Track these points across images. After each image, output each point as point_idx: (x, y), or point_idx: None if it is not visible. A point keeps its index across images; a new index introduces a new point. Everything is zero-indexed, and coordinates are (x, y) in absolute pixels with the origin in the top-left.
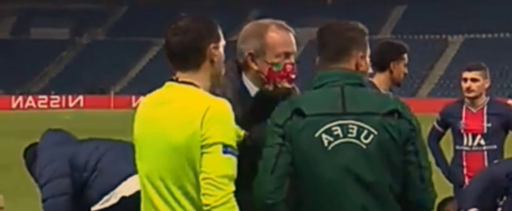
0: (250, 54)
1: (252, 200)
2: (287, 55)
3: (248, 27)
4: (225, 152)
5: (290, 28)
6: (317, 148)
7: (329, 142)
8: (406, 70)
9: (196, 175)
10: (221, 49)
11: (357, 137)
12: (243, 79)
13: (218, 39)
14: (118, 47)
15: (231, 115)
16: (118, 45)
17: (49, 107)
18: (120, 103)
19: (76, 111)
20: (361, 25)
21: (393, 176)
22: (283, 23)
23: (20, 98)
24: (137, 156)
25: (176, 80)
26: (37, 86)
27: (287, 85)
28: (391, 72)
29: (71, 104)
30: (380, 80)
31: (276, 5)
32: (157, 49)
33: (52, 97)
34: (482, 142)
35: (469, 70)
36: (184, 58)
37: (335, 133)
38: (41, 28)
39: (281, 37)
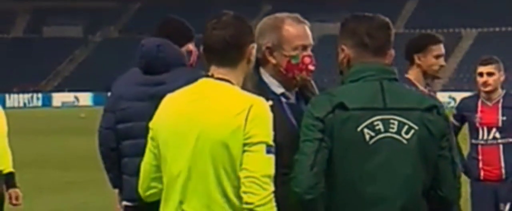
0: (267, 48)
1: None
2: (304, 47)
3: (264, 21)
4: (268, 151)
5: (305, 21)
6: (358, 143)
7: (371, 137)
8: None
9: (233, 170)
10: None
11: (398, 132)
12: (260, 73)
13: (254, 40)
14: (131, 45)
15: (270, 114)
16: (131, 42)
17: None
18: None
19: (89, 108)
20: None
21: (427, 171)
22: (298, 16)
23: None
24: (165, 148)
25: (212, 76)
26: (51, 84)
27: (305, 77)
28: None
29: None
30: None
31: (288, 0)
32: None
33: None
34: (497, 135)
35: (484, 64)
36: (223, 53)
37: (377, 127)
38: (54, 27)
39: (297, 30)
